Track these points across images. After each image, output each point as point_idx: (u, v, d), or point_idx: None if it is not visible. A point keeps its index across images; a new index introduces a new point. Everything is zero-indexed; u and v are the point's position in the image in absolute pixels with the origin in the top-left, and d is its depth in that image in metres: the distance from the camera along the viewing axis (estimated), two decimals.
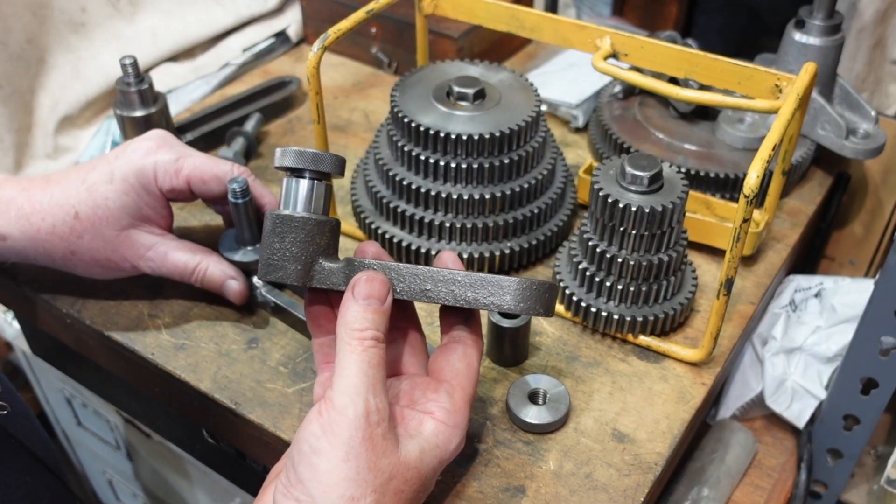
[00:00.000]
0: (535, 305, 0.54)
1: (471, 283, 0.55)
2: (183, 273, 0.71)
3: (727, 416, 0.89)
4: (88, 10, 1.01)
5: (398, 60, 1.10)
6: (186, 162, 0.69)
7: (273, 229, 0.55)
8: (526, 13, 0.79)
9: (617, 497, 0.61)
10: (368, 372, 0.50)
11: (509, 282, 0.54)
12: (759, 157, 0.58)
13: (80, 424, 1.23)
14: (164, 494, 1.17)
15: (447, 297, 0.55)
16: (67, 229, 0.67)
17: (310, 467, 0.48)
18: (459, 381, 0.55)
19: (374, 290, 0.53)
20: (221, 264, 0.72)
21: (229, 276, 0.72)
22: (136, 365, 0.74)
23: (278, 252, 0.55)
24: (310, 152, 0.55)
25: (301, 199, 0.56)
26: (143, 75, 0.85)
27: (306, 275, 0.56)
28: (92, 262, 0.69)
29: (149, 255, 0.70)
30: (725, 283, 0.64)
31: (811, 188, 0.92)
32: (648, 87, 0.70)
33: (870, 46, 1.06)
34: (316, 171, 0.55)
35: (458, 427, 0.54)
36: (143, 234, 0.69)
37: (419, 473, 0.51)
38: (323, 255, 0.56)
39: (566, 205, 0.83)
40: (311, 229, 0.55)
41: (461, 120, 0.74)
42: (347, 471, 0.48)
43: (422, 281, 0.55)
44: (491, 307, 0.54)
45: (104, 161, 0.68)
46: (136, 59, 0.84)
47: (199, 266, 0.71)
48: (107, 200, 0.67)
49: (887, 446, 0.95)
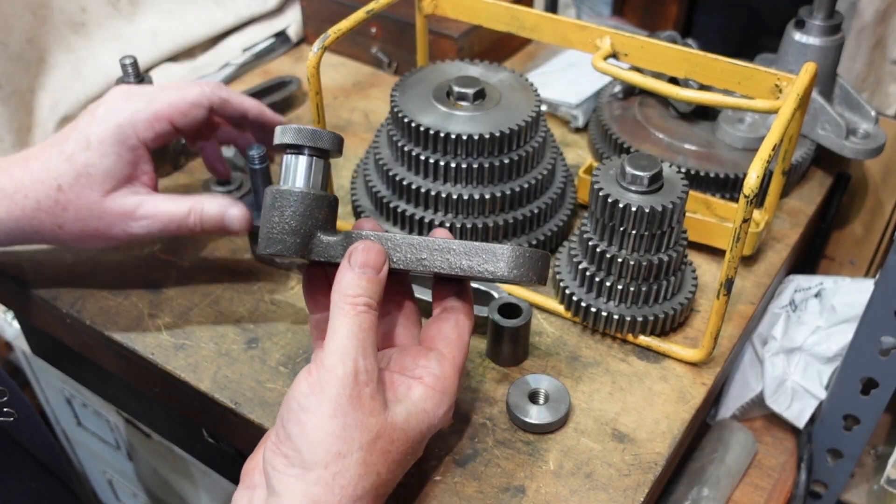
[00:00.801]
0: (528, 273, 0.55)
1: (465, 252, 0.55)
2: (180, 221, 0.68)
3: (727, 416, 0.89)
4: (88, 10, 1.01)
5: (398, 60, 1.10)
6: (159, 103, 0.67)
7: (273, 203, 0.56)
8: (526, 13, 0.79)
9: (617, 497, 0.61)
10: (359, 335, 0.51)
11: (503, 249, 0.55)
12: (759, 157, 0.58)
13: (80, 424, 1.23)
14: (164, 494, 1.17)
15: (442, 266, 0.56)
16: (52, 203, 0.66)
17: (298, 424, 0.49)
18: (450, 349, 0.56)
19: (370, 259, 0.53)
20: (216, 198, 0.69)
21: (227, 207, 0.69)
22: (136, 365, 0.74)
23: (277, 225, 0.56)
24: (308, 129, 0.56)
25: (300, 175, 0.57)
26: (143, 75, 0.85)
27: (305, 248, 0.57)
28: (81, 234, 0.67)
29: (139, 214, 0.67)
30: (725, 283, 0.64)
31: (811, 188, 0.92)
32: (648, 87, 0.70)
33: (870, 46, 1.06)
34: (314, 147, 0.57)
35: (447, 393, 0.55)
36: (129, 195, 0.67)
37: (406, 435, 0.52)
38: (321, 229, 0.57)
39: (566, 205, 0.83)
40: (310, 203, 0.56)
41: (461, 120, 0.74)
42: (334, 427, 0.48)
43: (417, 250, 0.56)
44: (485, 274, 0.55)
45: (77, 129, 0.67)
46: (136, 59, 0.84)
47: (193, 207, 0.68)
48: (87, 167, 0.65)
49: (887, 446, 0.95)
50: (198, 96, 0.68)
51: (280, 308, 0.76)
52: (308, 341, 0.73)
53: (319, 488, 0.48)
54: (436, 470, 0.62)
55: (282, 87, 1.04)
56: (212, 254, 0.82)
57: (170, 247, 0.82)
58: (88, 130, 0.66)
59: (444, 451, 0.64)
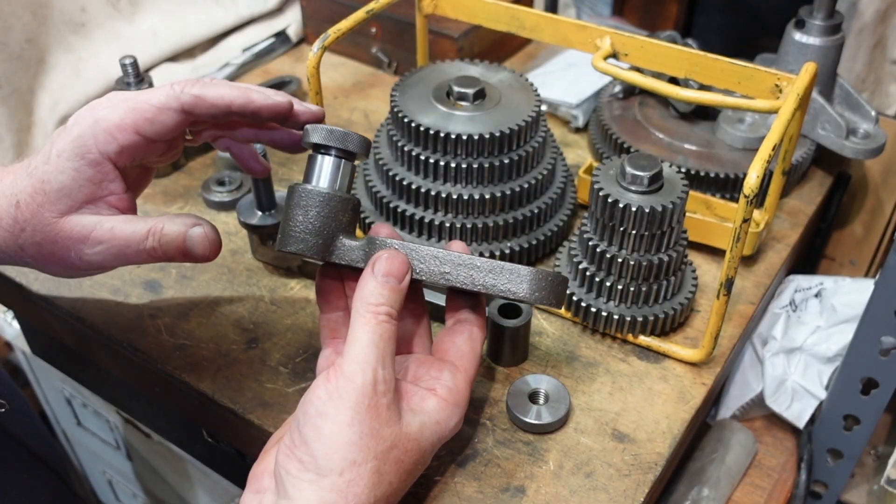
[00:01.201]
0: (549, 296, 0.56)
1: (489, 269, 0.56)
2: (138, 242, 0.58)
3: (727, 416, 0.89)
4: (88, 10, 1.01)
5: (398, 60, 1.10)
6: (120, 110, 0.56)
7: (297, 202, 0.56)
8: (526, 13, 0.79)
9: (617, 497, 0.61)
10: (379, 344, 0.51)
11: (526, 271, 0.55)
12: (759, 157, 0.58)
13: (80, 424, 1.23)
14: (164, 494, 1.17)
15: (465, 281, 0.56)
16: (11, 221, 0.58)
17: (314, 429, 0.49)
18: (463, 362, 0.57)
19: (394, 269, 0.53)
20: (179, 218, 0.59)
21: (191, 224, 0.59)
22: (136, 365, 0.74)
23: (301, 224, 0.56)
24: (339, 131, 0.56)
25: (327, 176, 0.57)
26: (143, 75, 0.85)
27: (326, 249, 0.57)
28: (40, 257, 0.59)
29: (93, 238, 0.57)
30: (725, 283, 0.64)
31: (811, 188, 0.92)
32: (648, 87, 0.70)
33: (870, 46, 1.06)
34: (343, 149, 0.57)
35: (459, 406, 0.56)
36: (86, 216, 0.58)
37: (419, 446, 0.53)
38: (343, 231, 0.57)
39: (566, 205, 0.83)
40: (336, 205, 0.56)
41: (461, 120, 0.74)
42: (351, 435, 0.49)
43: (441, 263, 0.56)
44: (507, 294, 0.56)
45: (49, 141, 0.58)
46: (136, 59, 0.84)
47: (153, 228, 0.58)
48: (43, 184, 0.57)
49: (887, 446, 0.95)
50: (164, 99, 0.57)
51: (280, 308, 0.76)
52: (308, 341, 0.73)
53: (333, 495, 0.48)
54: (436, 470, 0.62)
55: (282, 87, 1.04)
56: None
57: None
58: (54, 143, 0.57)
59: (443, 451, 0.64)
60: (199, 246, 0.58)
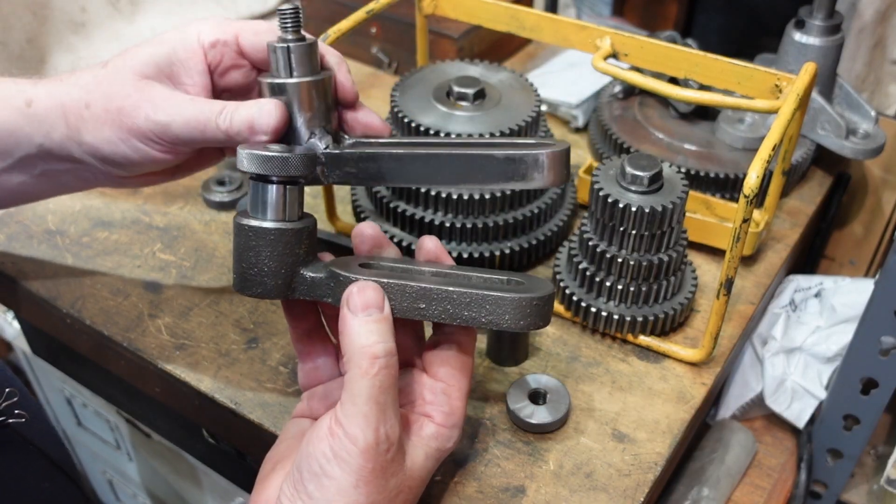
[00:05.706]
0: (535, 321, 0.52)
1: (467, 303, 0.51)
2: (208, 115, 0.57)
3: (727, 416, 0.89)
4: (88, 10, 1.02)
5: (398, 60, 1.10)
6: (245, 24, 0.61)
7: (246, 243, 0.51)
8: (526, 13, 0.79)
9: (617, 497, 0.61)
10: (379, 398, 0.48)
11: (508, 300, 0.50)
12: (759, 157, 0.58)
13: (80, 424, 1.23)
14: (164, 494, 1.17)
15: (443, 317, 0.52)
16: (90, 77, 0.60)
17: (320, 487, 0.49)
18: (455, 381, 0.56)
19: (370, 299, 0.50)
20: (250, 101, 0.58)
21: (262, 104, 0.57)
22: (136, 365, 0.74)
23: (255, 267, 0.51)
24: (278, 157, 0.50)
25: (272, 206, 0.51)
26: None
27: (287, 288, 0.53)
28: (103, 114, 0.59)
29: (167, 103, 0.58)
30: (725, 283, 0.64)
31: (811, 188, 0.92)
32: (648, 87, 0.70)
33: (870, 46, 1.06)
34: (287, 176, 0.51)
35: (456, 427, 0.56)
36: (166, 88, 0.59)
37: (422, 476, 0.54)
38: (303, 264, 0.53)
39: (566, 205, 0.83)
40: (290, 240, 0.51)
41: (461, 120, 0.74)
42: (357, 496, 0.49)
43: (414, 300, 0.52)
44: (490, 325, 0.51)
45: None
46: None
47: (226, 107, 0.57)
48: (136, 48, 0.60)
49: (887, 446, 0.95)
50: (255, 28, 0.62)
51: (280, 308, 0.76)
52: None
53: None
54: (436, 470, 0.62)
55: None
56: (212, 254, 0.82)
57: (170, 246, 0.82)
58: None
59: None
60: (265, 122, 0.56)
